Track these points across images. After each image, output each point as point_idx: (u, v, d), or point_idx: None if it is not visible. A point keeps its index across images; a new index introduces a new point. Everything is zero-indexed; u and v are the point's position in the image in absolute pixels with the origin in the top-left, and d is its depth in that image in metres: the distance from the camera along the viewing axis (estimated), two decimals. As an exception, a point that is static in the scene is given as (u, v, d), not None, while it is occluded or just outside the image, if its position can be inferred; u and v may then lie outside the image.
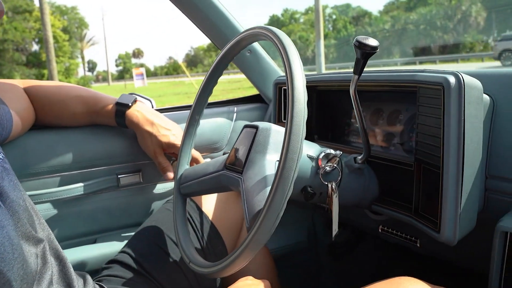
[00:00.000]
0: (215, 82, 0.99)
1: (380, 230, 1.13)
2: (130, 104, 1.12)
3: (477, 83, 0.77)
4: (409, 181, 0.88)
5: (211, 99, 1.07)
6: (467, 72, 0.86)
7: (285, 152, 0.64)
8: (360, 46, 0.75)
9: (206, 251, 1.04)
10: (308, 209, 1.52)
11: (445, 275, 1.25)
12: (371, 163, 0.99)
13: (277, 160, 0.82)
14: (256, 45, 1.36)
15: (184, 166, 1.02)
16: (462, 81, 0.73)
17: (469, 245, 0.96)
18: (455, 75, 0.74)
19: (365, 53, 0.76)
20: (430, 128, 0.80)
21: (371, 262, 1.52)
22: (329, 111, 1.21)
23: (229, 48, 0.90)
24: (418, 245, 1.04)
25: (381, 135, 1.06)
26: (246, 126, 0.90)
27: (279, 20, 67.38)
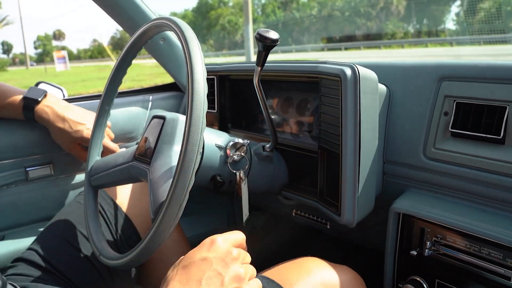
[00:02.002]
0: (124, 72, 0.97)
1: (294, 214, 1.17)
2: (39, 99, 1.06)
3: (372, 74, 0.81)
4: (315, 168, 0.92)
5: (134, 85, 1.05)
6: (365, 63, 0.91)
7: (185, 144, 0.64)
8: (261, 39, 0.77)
9: (119, 243, 1.02)
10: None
11: (352, 254, 1.32)
12: (281, 150, 1.02)
13: None
14: (170, 32, 1.34)
15: (95, 158, 1.00)
16: (357, 73, 0.77)
17: (373, 227, 1.02)
18: (351, 67, 0.78)
19: (266, 46, 0.78)
20: (331, 117, 0.83)
21: (288, 245, 1.57)
22: (243, 100, 1.22)
23: (135, 39, 0.88)
24: (328, 227, 1.10)
25: (292, 123, 1.09)
26: (154, 117, 0.89)
27: (208, 3, 66.48)
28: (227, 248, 0.63)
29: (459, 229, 0.76)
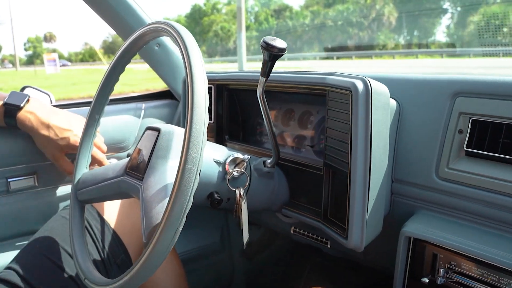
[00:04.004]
0: (117, 79, 0.91)
1: (292, 232, 1.12)
2: (21, 105, 1.00)
3: (384, 88, 0.76)
4: (319, 185, 0.87)
5: (125, 89, 0.99)
6: (374, 76, 0.86)
7: (183, 162, 0.58)
8: (268, 47, 0.71)
9: (106, 262, 0.96)
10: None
11: (354, 274, 1.27)
12: (281, 166, 0.97)
13: None
14: (167, 39, 1.28)
15: (82, 170, 0.93)
16: (369, 86, 0.72)
17: (376, 247, 0.97)
18: (363, 80, 0.73)
19: (272, 55, 0.72)
20: (339, 133, 0.78)
21: (283, 262, 1.51)
22: (241, 111, 1.16)
23: (129, 44, 0.82)
24: (328, 246, 1.04)
25: (292, 136, 1.04)
26: (148, 128, 0.83)
27: (201, 10, 66.54)
28: None
29: (475, 256, 0.70)
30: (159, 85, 1.49)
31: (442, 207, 0.81)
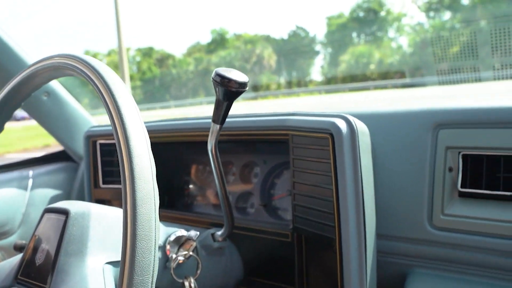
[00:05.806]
0: None
1: None
2: None
3: (364, 127, 0.61)
4: (286, 256, 0.68)
5: None
6: (348, 113, 0.71)
7: (128, 273, 0.36)
8: (223, 82, 0.52)
9: None
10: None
11: None
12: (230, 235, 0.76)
13: (107, 263, 0.52)
14: (56, 84, 1.02)
15: None
16: (354, 126, 0.56)
17: None
18: (345, 118, 0.57)
19: (229, 92, 0.53)
20: (314, 188, 0.61)
21: None
22: (163, 168, 0.94)
23: (11, 90, 0.57)
24: None
25: (234, 195, 0.84)
26: (47, 211, 0.58)
27: (80, 62, 64.04)
28: None
29: None
30: (40, 143, 1.20)
31: (441, 262, 0.67)
